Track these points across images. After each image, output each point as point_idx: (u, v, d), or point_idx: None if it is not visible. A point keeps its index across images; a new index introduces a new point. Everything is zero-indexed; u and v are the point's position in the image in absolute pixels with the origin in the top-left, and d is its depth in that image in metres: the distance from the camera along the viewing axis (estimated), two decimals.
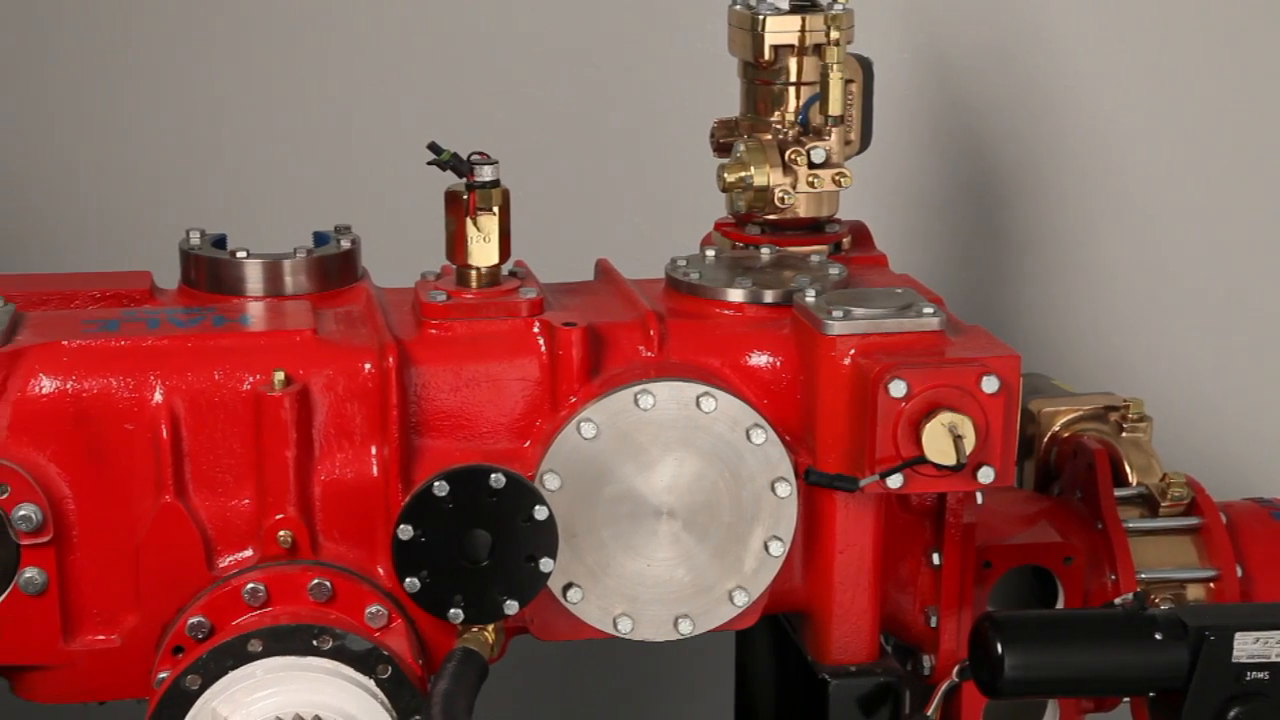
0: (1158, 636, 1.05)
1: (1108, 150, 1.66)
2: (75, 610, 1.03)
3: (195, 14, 1.80)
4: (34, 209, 1.86)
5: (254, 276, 1.13)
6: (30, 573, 1.00)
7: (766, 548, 1.07)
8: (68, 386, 1.02)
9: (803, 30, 1.19)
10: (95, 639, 1.04)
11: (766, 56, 1.20)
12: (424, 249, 1.20)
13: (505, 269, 1.13)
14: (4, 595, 1.00)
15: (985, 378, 1.03)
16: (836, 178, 1.20)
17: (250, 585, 1.02)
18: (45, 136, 1.85)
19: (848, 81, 1.19)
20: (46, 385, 1.02)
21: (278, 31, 1.80)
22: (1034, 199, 1.69)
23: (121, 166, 1.84)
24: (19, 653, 1.02)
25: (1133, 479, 1.26)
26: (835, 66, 1.16)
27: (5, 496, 0.99)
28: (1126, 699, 1.23)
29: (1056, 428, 1.30)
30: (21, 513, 0.99)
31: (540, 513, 1.02)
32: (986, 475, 1.04)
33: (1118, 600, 1.09)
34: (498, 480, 1.01)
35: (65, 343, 1.03)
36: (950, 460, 1.02)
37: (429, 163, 1.09)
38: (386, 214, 1.53)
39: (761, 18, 1.20)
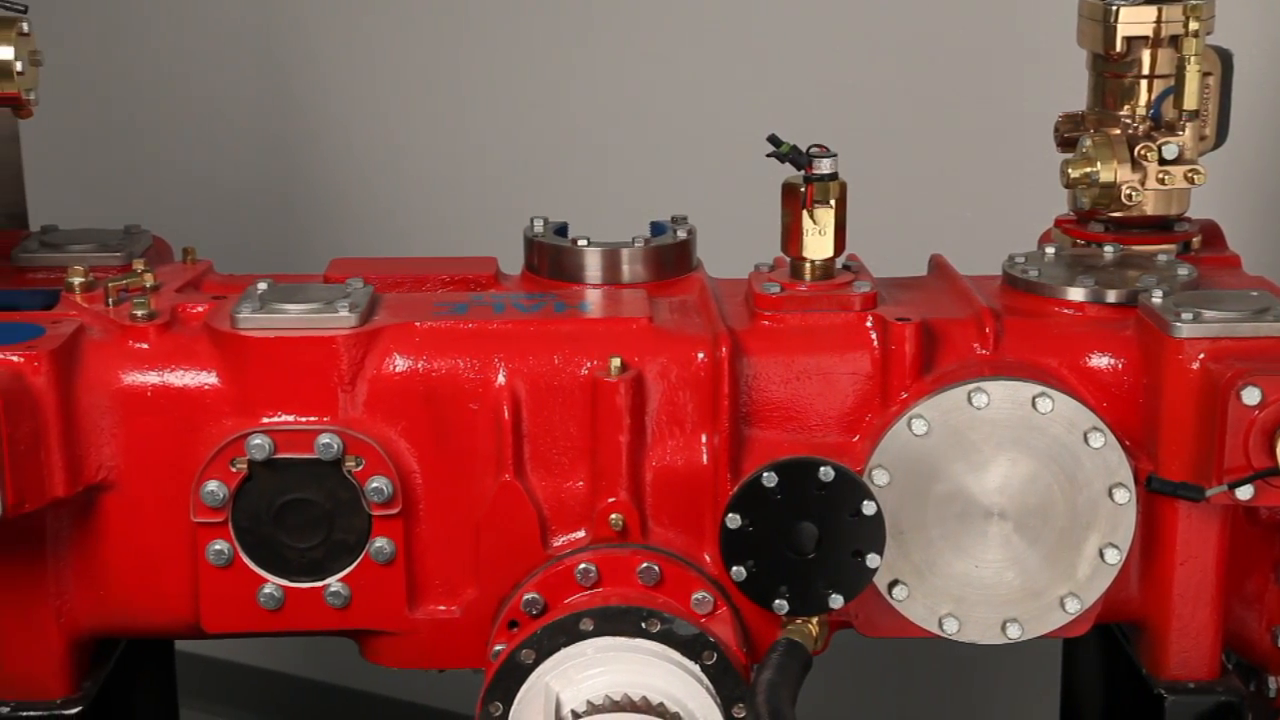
0: None
1: None
2: (420, 581, 1.07)
3: (538, 12, 1.86)
4: (393, 199, 1.96)
5: (593, 264, 1.16)
6: (380, 542, 1.06)
7: (1102, 555, 1.04)
8: (419, 366, 1.06)
9: (1158, 21, 1.15)
10: (437, 609, 1.08)
11: (1118, 48, 1.16)
12: (758, 241, 1.21)
13: (839, 262, 1.13)
14: (356, 563, 1.06)
15: None
16: (1189, 175, 1.15)
17: (582, 565, 1.05)
18: (405, 134, 1.94)
19: (1205, 74, 1.14)
20: (400, 364, 1.06)
21: (619, 27, 1.84)
22: None
23: (471, 159, 1.92)
24: (369, 618, 1.07)
25: None
26: (1193, 59, 1.11)
27: (360, 469, 1.05)
28: None
29: None
30: (374, 485, 1.05)
31: (868, 508, 1.01)
32: None
33: None
34: (826, 474, 1.01)
35: (417, 324, 1.08)
36: None
37: (768, 155, 1.09)
38: (722, 205, 1.55)
39: (1114, 8, 1.16)
